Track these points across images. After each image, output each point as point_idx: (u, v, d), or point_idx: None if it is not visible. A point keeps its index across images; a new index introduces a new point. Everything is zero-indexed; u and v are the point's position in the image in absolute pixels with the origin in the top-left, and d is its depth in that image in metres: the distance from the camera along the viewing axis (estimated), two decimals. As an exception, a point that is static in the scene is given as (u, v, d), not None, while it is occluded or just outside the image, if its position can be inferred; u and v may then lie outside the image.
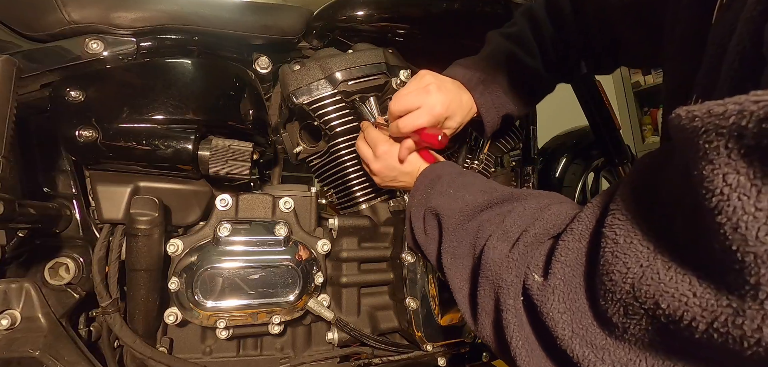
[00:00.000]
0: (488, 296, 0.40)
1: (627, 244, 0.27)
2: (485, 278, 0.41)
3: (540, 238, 0.38)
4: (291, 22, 0.78)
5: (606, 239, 0.29)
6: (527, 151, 1.02)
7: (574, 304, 0.32)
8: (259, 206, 0.71)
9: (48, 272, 0.67)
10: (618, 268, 0.27)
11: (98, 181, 0.66)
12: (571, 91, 1.07)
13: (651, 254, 0.26)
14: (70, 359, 0.61)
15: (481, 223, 0.45)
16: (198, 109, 0.67)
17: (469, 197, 0.49)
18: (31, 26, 0.64)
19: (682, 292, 0.23)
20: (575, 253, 0.33)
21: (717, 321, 0.21)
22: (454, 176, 0.56)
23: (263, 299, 0.68)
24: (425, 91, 0.61)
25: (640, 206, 0.28)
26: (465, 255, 0.46)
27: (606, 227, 0.29)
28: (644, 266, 0.26)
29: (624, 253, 0.27)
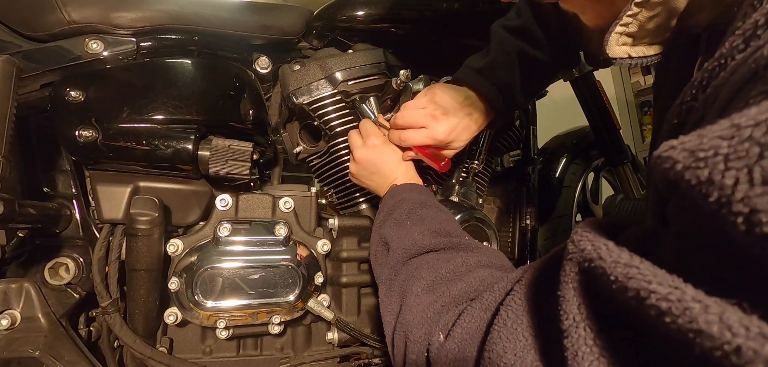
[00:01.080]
0: (402, 342, 0.43)
1: (512, 328, 0.28)
2: (400, 326, 0.43)
3: (458, 300, 0.39)
4: (291, 22, 0.78)
5: (499, 316, 0.30)
6: (527, 151, 1.02)
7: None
8: (259, 206, 0.71)
9: (48, 272, 0.67)
10: (498, 348, 0.28)
11: (98, 181, 0.66)
12: (571, 91, 1.07)
13: (527, 346, 0.27)
14: (70, 359, 0.61)
15: (419, 265, 0.46)
16: (198, 109, 0.67)
17: (418, 236, 0.50)
18: (31, 26, 0.64)
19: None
20: (478, 321, 0.34)
21: None
22: (415, 206, 0.56)
23: (263, 299, 0.68)
24: (433, 116, 0.62)
25: (533, 299, 0.29)
26: (396, 293, 0.47)
27: (503, 305, 0.30)
28: (517, 356, 0.27)
29: (507, 337, 0.28)
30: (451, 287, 0.41)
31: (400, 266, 0.48)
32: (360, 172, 0.67)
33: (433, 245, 0.48)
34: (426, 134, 0.62)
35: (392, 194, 0.61)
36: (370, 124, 0.69)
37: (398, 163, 0.65)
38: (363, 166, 0.66)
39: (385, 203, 0.61)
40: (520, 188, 1.01)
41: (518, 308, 0.29)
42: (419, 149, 0.63)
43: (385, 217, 0.57)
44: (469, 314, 0.35)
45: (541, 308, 0.28)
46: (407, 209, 0.55)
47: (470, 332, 0.34)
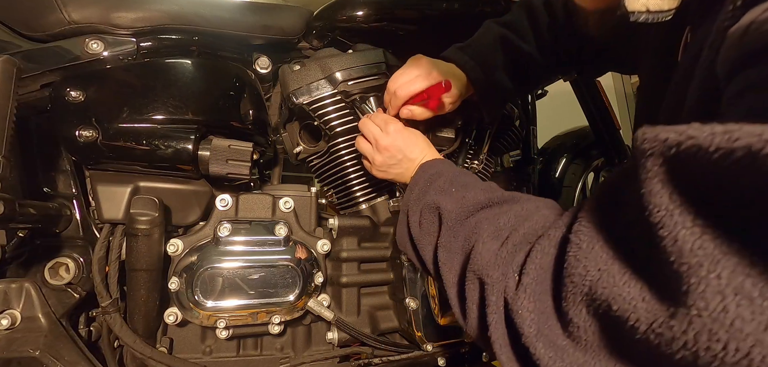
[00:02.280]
0: (475, 290, 0.42)
1: (588, 249, 0.29)
2: (473, 273, 0.42)
3: (527, 239, 0.40)
4: (291, 22, 0.78)
5: (571, 243, 0.31)
6: (527, 151, 1.02)
7: (543, 304, 0.33)
8: (259, 206, 0.71)
9: (48, 272, 0.67)
10: (578, 270, 0.29)
11: (98, 181, 0.66)
12: (571, 91, 1.07)
13: (609, 259, 0.27)
14: (70, 359, 0.61)
15: (479, 220, 0.46)
16: (198, 109, 0.67)
17: (470, 195, 0.50)
18: (31, 26, 0.64)
19: (632, 296, 0.25)
20: (549, 256, 0.34)
21: (655, 323, 0.23)
22: (456, 175, 0.57)
23: (263, 299, 0.68)
24: (417, 60, 0.65)
25: (604, 217, 0.30)
26: (458, 251, 0.47)
27: (573, 233, 0.31)
28: (602, 270, 0.28)
29: (585, 257, 0.29)
30: (518, 230, 0.41)
31: (459, 226, 0.48)
32: (386, 161, 0.66)
33: (489, 200, 0.48)
34: (418, 77, 0.64)
35: (424, 169, 0.61)
36: (383, 114, 0.70)
37: (423, 145, 0.65)
38: (390, 153, 0.65)
39: (419, 177, 0.61)
40: (520, 188, 1.01)
41: (590, 230, 0.30)
42: (419, 96, 0.64)
43: (424, 188, 0.58)
44: (539, 251, 0.35)
45: (616, 220, 0.28)
46: (448, 178, 0.56)
47: (544, 267, 0.34)
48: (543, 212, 0.42)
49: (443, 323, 0.73)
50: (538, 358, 0.32)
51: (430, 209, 0.54)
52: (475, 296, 0.42)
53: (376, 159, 0.67)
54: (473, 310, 0.42)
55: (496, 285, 0.38)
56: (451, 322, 0.75)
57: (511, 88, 0.71)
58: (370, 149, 0.68)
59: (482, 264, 0.41)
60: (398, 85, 0.64)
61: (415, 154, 0.65)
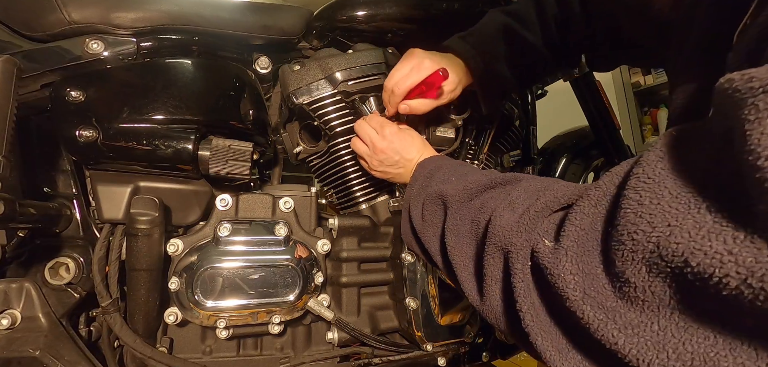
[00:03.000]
0: (496, 264, 0.40)
1: (653, 204, 0.27)
2: (493, 245, 0.40)
3: (550, 206, 0.38)
4: (291, 22, 0.78)
5: (628, 200, 0.28)
6: (527, 151, 1.02)
7: (587, 266, 0.31)
8: (259, 206, 0.71)
9: (48, 271, 0.67)
10: (642, 227, 0.27)
11: (98, 181, 0.66)
12: (571, 91, 1.07)
13: (680, 214, 0.25)
14: (70, 359, 0.61)
15: (486, 200, 0.45)
16: (198, 109, 0.67)
17: (473, 178, 0.49)
18: (32, 26, 0.64)
19: (716, 250, 0.23)
20: (591, 217, 0.32)
21: (752, 277, 0.22)
22: (455, 166, 0.57)
23: (263, 299, 0.68)
24: (410, 54, 0.64)
25: (669, 171, 0.27)
26: (468, 232, 0.46)
27: (629, 189, 0.29)
28: (673, 225, 0.25)
29: (650, 212, 0.27)
30: (536, 200, 0.39)
31: (465, 208, 0.47)
32: (383, 162, 0.67)
33: (491, 181, 0.47)
34: (412, 71, 0.63)
35: (424, 166, 0.61)
36: (378, 116, 0.70)
37: (419, 145, 0.66)
38: (386, 155, 0.66)
39: (419, 173, 0.61)
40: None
41: (652, 185, 0.27)
42: (416, 89, 0.63)
43: (424, 182, 0.57)
44: (579, 212, 0.33)
45: (687, 173, 0.26)
46: (448, 170, 0.56)
47: (585, 228, 0.32)
48: (561, 184, 0.41)
49: (443, 323, 0.73)
50: (586, 321, 0.30)
51: (432, 200, 0.54)
52: (495, 271, 0.40)
53: (373, 162, 0.68)
54: (493, 286, 0.40)
55: (521, 252, 0.36)
56: (451, 322, 0.75)
57: (512, 80, 0.69)
58: (366, 151, 0.68)
59: (503, 234, 0.39)
60: (394, 82, 0.64)
61: (412, 154, 0.65)
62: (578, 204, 0.34)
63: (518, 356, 1.04)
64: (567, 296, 0.31)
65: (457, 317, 0.75)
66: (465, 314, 0.76)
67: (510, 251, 0.38)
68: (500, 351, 0.89)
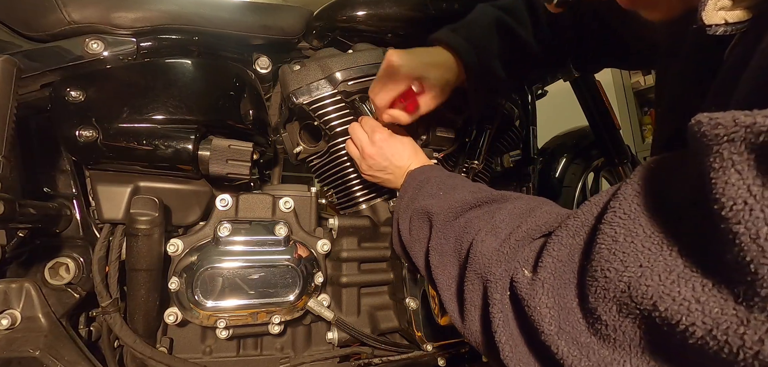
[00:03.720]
0: (475, 290, 0.40)
1: (627, 243, 0.26)
2: (473, 272, 0.40)
3: (531, 234, 0.37)
4: (291, 22, 0.78)
5: (603, 235, 0.28)
6: (527, 151, 1.02)
7: (563, 299, 0.31)
8: (259, 206, 0.71)
9: (48, 271, 0.67)
10: (614, 265, 0.26)
11: (98, 181, 0.66)
12: (570, 91, 1.07)
13: (652, 255, 0.25)
14: (70, 359, 0.61)
15: (470, 219, 0.45)
16: (198, 109, 0.67)
17: (458, 196, 0.49)
18: (32, 26, 0.64)
19: (684, 296, 0.23)
20: (568, 248, 0.32)
21: (717, 329, 0.21)
22: (443, 179, 0.56)
23: (263, 299, 0.68)
24: (386, 61, 0.60)
25: (644, 208, 0.27)
26: (452, 252, 0.46)
27: (604, 224, 0.28)
28: (644, 267, 0.25)
29: (622, 251, 0.26)
30: (518, 226, 0.38)
31: (448, 227, 0.47)
32: (371, 169, 0.67)
33: (477, 200, 0.47)
34: (389, 82, 0.60)
35: (413, 177, 0.61)
36: (371, 119, 0.69)
37: (410, 152, 0.65)
38: (375, 161, 0.66)
39: (408, 185, 0.60)
40: (520, 188, 1.01)
41: (627, 221, 0.27)
42: (398, 101, 0.62)
43: (413, 195, 0.57)
44: (556, 243, 0.32)
45: (661, 212, 0.26)
46: (436, 182, 0.55)
47: (562, 259, 0.32)
48: (545, 208, 0.40)
49: (443, 323, 0.73)
50: (561, 357, 0.30)
51: (418, 215, 0.54)
52: (475, 297, 0.40)
53: (363, 166, 0.68)
54: (473, 312, 0.40)
55: (499, 282, 0.36)
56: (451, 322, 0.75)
57: (505, 79, 0.67)
58: (357, 155, 0.69)
59: (483, 262, 0.38)
60: (374, 96, 0.63)
61: (402, 161, 0.65)
62: (556, 233, 0.33)
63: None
64: (542, 329, 0.31)
65: (457, 317, 0.75)
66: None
67: (489, 280, 0.37)
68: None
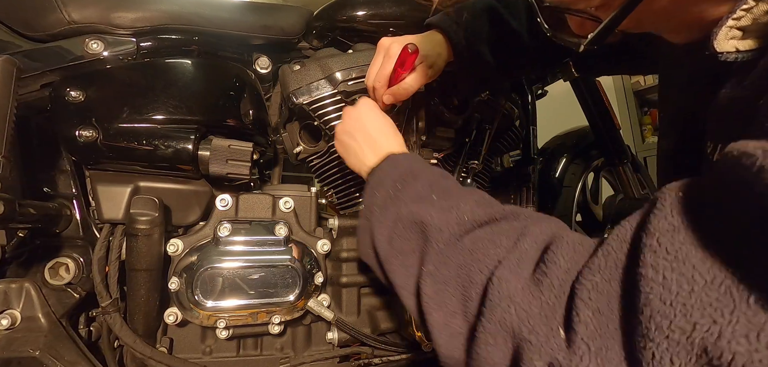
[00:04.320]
0: (499, 349, 0.31)
1: (684, 290, 0.22)
2: (496, 323, 0.31)
3: (564, 289, 0.29)
4: (291, 22, 0.78)
5: (648, 281, 0.23)
6: (527, 151, 1.02)
7: (610, 364, 0.25)
8: (259, 206, 0.71)
9: (48, 272, 0.67)
10: (677, 322, 0.22)
11: (98, 181, 0.66)
12: (570, 91, 1.07)
13: (725, 308, 0.21)
14: (70, 359, 0.61)
15: (480, 241, 0.36)
16: (198, 109, 0.67)
17: (463, 206, 0.40)
18: (32, 26, 0.64)
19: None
20: (606, 296, 0.26)
21: None
22: (435, 178, 0.46)
23: (263, 299, 0.68)
24: (379, 46, 0.61)
25: (692, 246, 0.23)
26: (455, 282, 0.36)
27: (645, 267, 0.24)
28: (719, 323, 0.20)
29: (682, 303, 0.22)
30: (557, 262, 0.30)
31: (452, 250, 0.37)
32: (343, 129, 0.59)
33: (488, 216, 0.38)
34: (382, 61, 0.59)
35: (395, 163, 0.50)
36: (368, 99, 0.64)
37: (391, 131, 0.57)
38: (350, 123, 0.58)
39: (385, 174, 0.49)
40: (520, 187, 1.01)
41: (675, 263, 0.23)
42: (393, 78, 0.60)
43: (394, 192, 0.46)
44: (591, 290, 0.27)
45: (722, 253, 0.22)
46: (426, 182, 0.45)
47: (603, 312, 0.26)
48: (571, 237, 0.32)
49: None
50: None
51: (406, 224, 0.42)
52: (497, 357, 0.31)
53: (337, 130, 0.61)
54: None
55: (543, 347, 0.28)
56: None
57: (493, 65, 0.66)
58: (339, 125, 0.62)
59: (516, 315, 0.30)
60: (373, 78, 0.62)
61: (379, 136, 0.55)
62: (586, 278, 0.27)
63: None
64: None
65: (457, 317, 0.75)
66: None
67: (528, 341, 0.28)
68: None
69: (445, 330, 0.36)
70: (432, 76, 0.63)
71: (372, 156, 0.53)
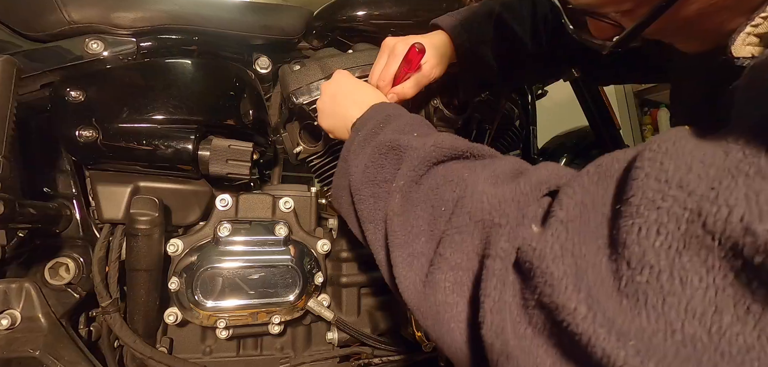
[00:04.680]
0: (467, 244, 0.30)
1: (682, 168, 0.21)
2: (467, 217, 0.30)
3: (540, 188, 0.30)
4: (291, 22, 0.78)
5: (643, 169, 0.22)
6: (527, 151, 1.02)
7: (583, 255, 0.24)
8: (259, 206, 0.71)
9: (48, 272, 0.67)
10: (671, 192, 0.21)
11: (98, 181, 0.66)
12: (571, 91, 1.07)
13: (724, 176, 0.20)
14: (70, 359, 0.61)
15: (455, 169, 0.36)
16: (198, 109, 0.67)
17: (443, 137, 0.39)
18: (32, 26, 0.64)
19: None
20: (591, 195, 0.25)
21: None
22: (418, 121, 0.46)
23: (263, 299, 0.68)
24: (383, 45, 0.62)
25: (693, 143, 0.22)
26: (424, 202, 0.35)
27: (643, 160, 0.23)
28: (717, 188, 0.20)
29: (679, 177, 0.21)
30: (522, 179, 0.30)
31: (427, 172, 0.37)
32: (327, 97, 0.59)
33: (468, 148, 0.38)
34: (388, 60, 0.59)
35: (379, 109, 0.49)
36: None
37: (375, 91, 0.58)
38: (333, 88, 0.59)
39: (371, 116, 0.49)
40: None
41: (675, 151, 0.22)
42: (398, 77, 0.60)
43: (375, 128, 0.46)
44: (574, 190, 0.26)
45: (727, 146, 0.21)
46: (408, 121, 0.45)
47: (584, 205, 0.25)
48: (549, 165, 0.32)
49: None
50: (583, 336, 0.21)
51: (382, 150, 0.42)
52: (460, 255, 0.30)
53: (319, 103, 0.62)
54: (447, 273, 0.30)
55: (514, 230, 0.27)
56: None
57: (495, 69, 0.67)
58: (319, 99, 0.62)
59: (487, 204, 0.29)
60: (377, 77, 0.62)
61: (362, 94, 0.55)
62: (571, 183, 0.27)
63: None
64: (553, 298, 0.23)
65: (457, 317, 0.75)
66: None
67: (497, 224, 0.28)
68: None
69: (405, 249, 0.35)
70: (436, 77, 0.63)
71: (356, 110, 0.52)
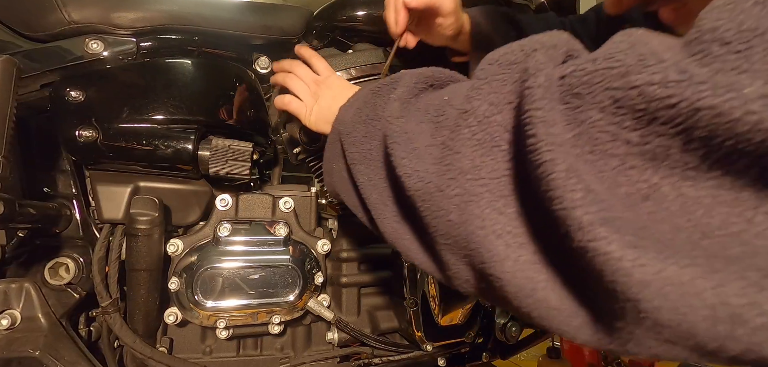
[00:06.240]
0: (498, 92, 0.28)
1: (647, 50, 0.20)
2: (453, 108, 0.31)
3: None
4: (291, 22, 0.78)
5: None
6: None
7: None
8: (259, 206, 0.71)
9: (48, 272, 0.67)
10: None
11: (98, 181, 0.66)
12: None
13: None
14: (70, 359, 0.61)
15: (456, 89, 0.35)
16: (198, 109, 0.67)
17: (443, 69, 0.39)
18: (31, 26, 0.64)
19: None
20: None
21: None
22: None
23: (263, 299, 0.68)
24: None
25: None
26: (428, 106, 0.34)
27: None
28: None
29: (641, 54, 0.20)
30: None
31: (422, 86, 0.38)
32: (313, 85, 0.60)
33: (462, 77, 0.39)
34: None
35: (368, 86, 0.47)
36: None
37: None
38: (315, 87, 0.59)
39: (361, 92, 0.48)
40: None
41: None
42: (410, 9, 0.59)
43: (364, 90, 0.46)
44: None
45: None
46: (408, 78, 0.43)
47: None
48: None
49: (443, 323, 0.73)
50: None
51: (374, 89, 0.42)
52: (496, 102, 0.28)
53: (310, 97, 0.60)
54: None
55: (544, 67, 0.25)
56: (451, 322, 0.75)
57: None
58: (306, 92, 0.60)
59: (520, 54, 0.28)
60: (390, 16, 0.60)
61: (348, 87, 0.56)
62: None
63: (518, 356, 1.04)
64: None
65: (456, 317, 0.75)
66: (465, 314, 0.76)
67: (530, 72, 0.25)
68: (500, 351, 0.89)
69: (414, 152, 0.32)
70: (447, 27, 0.62)
71: (344, 97, 0.51)
